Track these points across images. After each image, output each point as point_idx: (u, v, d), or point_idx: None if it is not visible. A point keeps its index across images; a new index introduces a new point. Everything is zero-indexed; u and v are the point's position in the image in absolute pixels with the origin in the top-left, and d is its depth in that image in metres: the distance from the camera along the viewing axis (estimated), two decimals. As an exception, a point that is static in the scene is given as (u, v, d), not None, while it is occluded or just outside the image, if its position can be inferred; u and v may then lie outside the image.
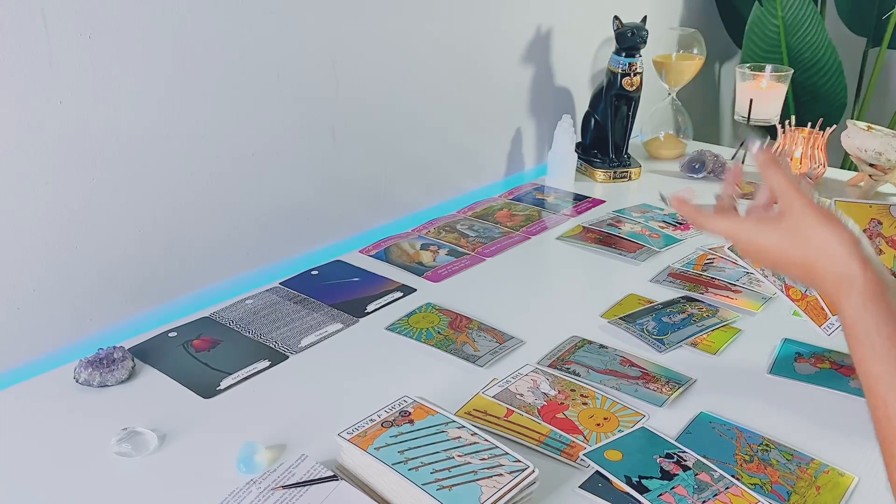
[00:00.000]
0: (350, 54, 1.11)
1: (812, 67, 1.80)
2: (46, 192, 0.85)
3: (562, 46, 1.48)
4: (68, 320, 0.90)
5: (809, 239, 0.64)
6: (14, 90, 0.79)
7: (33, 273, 0.86)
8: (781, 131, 1.40)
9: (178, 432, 0.77)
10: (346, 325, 0.97)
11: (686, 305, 1.00)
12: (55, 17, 0.80)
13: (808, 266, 0.64)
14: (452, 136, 1.33)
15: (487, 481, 0.63)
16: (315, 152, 1.11)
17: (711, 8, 1.97)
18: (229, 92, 0.98)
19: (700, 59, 1.53)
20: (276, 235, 1.09)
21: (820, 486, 0.70)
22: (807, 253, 0.64)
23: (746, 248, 0.70)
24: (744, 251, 0.71)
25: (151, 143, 0.92)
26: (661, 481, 0.69)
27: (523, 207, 1.34)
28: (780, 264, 0.67)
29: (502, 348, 0.92)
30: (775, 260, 0.68)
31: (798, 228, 0.65)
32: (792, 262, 0.66)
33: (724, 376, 0.87)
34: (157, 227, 0.95)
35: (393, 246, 1.18)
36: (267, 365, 0.89)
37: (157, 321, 0.97)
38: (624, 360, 0.89)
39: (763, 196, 0.71)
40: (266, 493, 0.67)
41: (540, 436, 0.77)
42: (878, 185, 1.35)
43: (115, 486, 0.71)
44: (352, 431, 0.69)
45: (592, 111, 1.48)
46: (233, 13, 0.96)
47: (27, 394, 0.83)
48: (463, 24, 1.27)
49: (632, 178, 1.47)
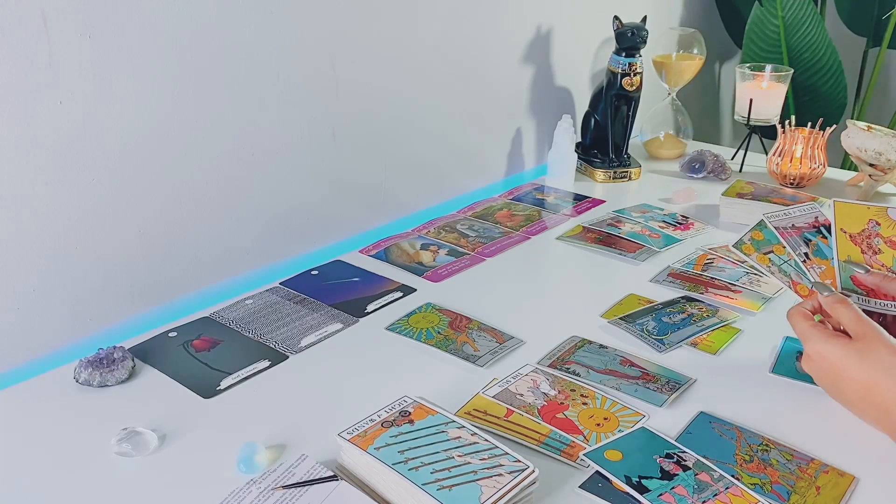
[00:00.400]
0: (350, 55, 1.11)
1: (812, 67, 1.81)
2: (46, 192, 0.85)
3: (562, 46, 1.48)
4: (68, 320, 0.90)
5: (879, 362, 0.71)
6: (14, 90, 0.79)
7: (33, 273, 0.86)
8: (781, 131, 1.41)
9: (178, 432, 0.77)
10: (346, 325, 0.97)
11: (686, 305, 1.00)
12: (55, 17, 0.80)
13: (870, 386, 0.71)
14: (452, 136, 1.33)
15: (487, 481, 0.63)
16: (315, 152, 1.11)
17: (711, 8, 1.97)
18: (230, 92, 0.98)
19: (700, 59, 1.53)
20: (276, 235, 1.09)
21: (820, 486, 0.70)
22: (873, 374, 0.71)
23: (811, 354, 0.77)
24: (807, 355, 0.77)
25: (152, 143, 0.92)
26: (660, 481, 0.69)
27: (523, 207, 1.34)
28: (840, 378, 0.74)
29: (502, 348, 0.92)
30: (837, 373, 0.74)
31: (868, 351, 0.72)
32: (853, 379, 0.72)
33: (724, 376, 0.87)
34: (157, 226, 0.95)
35: (393, 246, 1.18)
36: (267, 365, 0.89)
37: (157, 321, 0.97)
38: (624, 360, 0.89)
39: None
40: (266, 493, 0.67)
41: (540, 436, 0.77)
42: (878, 185, 1.35)
43: (115, 486, 0.71)
44: (352, 431, 0.69)
45: (592, 111, 1.48)
46: (233, 13, 0.96)
47: (27, 394, 0.83)
48: (463, 24, 1.27)
49: (632, 178, 1.47)
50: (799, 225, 0.89)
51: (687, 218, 1.29)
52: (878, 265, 0.84)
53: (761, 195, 1.27)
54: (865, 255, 0.85)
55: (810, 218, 0.89)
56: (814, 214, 0.90)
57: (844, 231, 0.86)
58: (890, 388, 0.70)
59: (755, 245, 0.88)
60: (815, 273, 0.86)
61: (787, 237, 0.87)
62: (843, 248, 0.86)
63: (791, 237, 0.87)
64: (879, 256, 0.85)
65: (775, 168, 1.41)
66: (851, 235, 0.86)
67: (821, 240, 0.87)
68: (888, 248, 0.85)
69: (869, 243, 0.85)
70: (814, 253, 0.86)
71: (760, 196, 1.27)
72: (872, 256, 0.85)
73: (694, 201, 1.36)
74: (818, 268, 0.86)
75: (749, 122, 1.48)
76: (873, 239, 0.85)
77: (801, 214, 0.90)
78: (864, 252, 0.85)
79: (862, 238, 0.85)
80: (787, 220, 0.89)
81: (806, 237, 0.88)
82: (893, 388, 0.70)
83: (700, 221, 1.27)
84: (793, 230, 0.88)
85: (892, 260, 0.84)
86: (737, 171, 1.51)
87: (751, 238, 0.89)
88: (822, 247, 0.87)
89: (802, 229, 0.88)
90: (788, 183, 1.40)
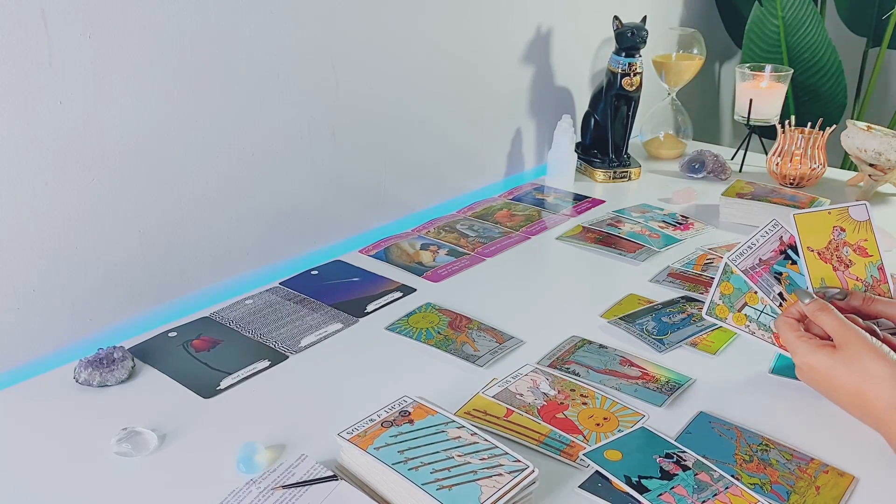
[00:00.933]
0: (350, 55, 1.11)
1: (812, 67, 1.81)
2: (46, 192, 0.85)
3: (562, 46, 1.48)
4: (68, 320, 0.90)
5: (865, 370, 0.72)
6: (14, 90, 0.79)
7: (33, 273, 0.86)
8: (781, 131, 1.41)
9: (178, 432, 0.77)
10: (346, 325, 0.97)
11: (686, 305, 1.00)
12: (55, 17, 0.80)
13: (860, 393, 0.72)
14: (452, 136, 1.33)
15: (487, 481, 0.63)
16: (315, 152, 1.11)
17: (711, 8, 1.97)
18: (230, 92, 0.98)
19: (700, 59, 1.53)
20: (276, 235, 1.09)
21: (820, 486, 0.70)
22: (861, 381, 0.72)
23: (800, 365, 0.78)
24: (798, 366, 0.79)
25: (152, 143, 0.92)
26: (660, 481, 0.69)
27: (523, 207, 1.34)
28: (831, 387, 0.75)
29: (502, 348, 0.92)
30: (827, 382, 0.75)
31: (854, 359, 0.73)
32: (844, 388, 0.74)
33: (724, 376, 0.87)
34: (157, 226, 0.95)
35: (393, 246, 1.18)
36: (267, 365, 0.89)
37: (157, 321, 0.97)
38: (624, 360, 0.89)
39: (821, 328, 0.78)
40: (266, 493, 0.67)
41: (540, 436, 0.77)
42: (878, 185, 1.35)
43: (115, 485, 0.71)
44: (352, 431, 0.69)
45: (592, 111, 1.48)
46: (233, 14, 0.96)
47: (27, 394, 0.84)
48: (463, 24, 1.27)
49: (632, 178, 1.47)
50: (766, 258, 0.85)
51: (687, 218, 1.29)
52: (853, 281, 0.83)
53: (761, 195, 1.27)
54: (838, 271, 0.83)
55: (775, 242, 0.86)
56: (778, 235, 0.86)
57: (812, 249, 0.84)
58: (879, 397, 0.71)
59: (727, 302, 0.85)
60: None
61: (757, 280, 0.84)
62: (814, 270, 0.84)
63: (761, 277, 0.84)
64: (852, 269, 0.83)
65: (775, 168, 1.41)
66: (819, 252, 0.84)
67: (790, 267, 0.85)
68: (858, 256, 0.84)
69: (839, 256, 0.84)
70: (787, 289, 0.84)
71: (760, 196, 1.27)
72: (845, 271, 0.83)
73: (694, 201, 1.36)
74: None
75: (749, 122, 1.48)
76: (842, 250, 0.84)
77: (764, 241, 0.86)
78: (835, 269, 0.83)
79: (830, 252, 0.84)
80: (752, 256, 0.85)
81: (776, 271, 0.85)
82: (882, 396, 0.71)
83: (700, 221, 1.27)
84: (761, 267, 0.85)
85: (865, 269, 0.83)
86: (737, 171, 1.51)
87: (720, 296, 0.86)
88: (795, 277, 0.84)
89: (770, 262, 0.85)
90: (788, 183, 1.40)
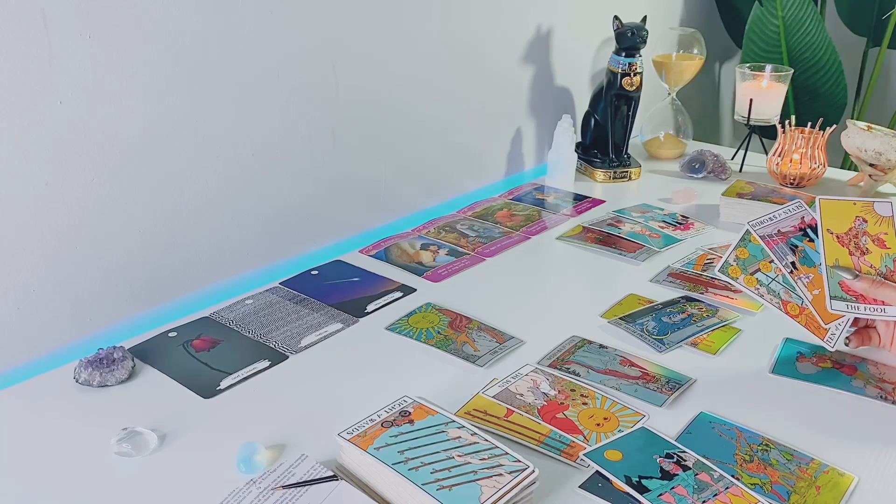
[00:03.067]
0: (350, 54, 1.11)
1: (812, 67, 1.80)
2: (46, 192, 0.85)
3: (562, 46, 1.48)
4: (68, 320, 0.90)
5: None
6: (14, 90, 0.79)
7: (33, 273, 0.86)
8: (781, 131, 1.41)
9: (178, 432, 0.77)
10: (346, 325, 0.97)
11: (686, 305, 1.00)
12: (55, 17, 0.80)
13: None
14: (452, 136, 1.33)
15: (487, 481, 0.63)
16: (315, 152, 1.11)
17: (711, 8, 1.97)
18: (230, 92, 0.98)
19: (700, 59, 1.53)
20: (276, 235, 1.09)
21: (820, 486, 0.70)
22: None
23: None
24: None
25: (152, 143, 0.92)
26: (660, 481, 0.69)
27: (523, 207, 1.34)
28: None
29: (502, 348, 0.92)
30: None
31: None
32: None
33: (724, 376, 0.87)
34: (157, 226, 0.95)
35: (393, 246, 1.18)
36: (267, 365, 0.89)
37: (157, 321, 0.97)
38: (624, 360, 0.89)
39: None
40: (266, 493, 0.67)
41: (540, 436, 0.77)
42: (878, 185, 1.35)
43: (115, 486, 0.71)
44: (352, 431, 0.69)
45: (592, 111, 1.48)
46: (233, 13, 0.96)
47: (27, 394, 0.83)
48: (463, 24, 1.27)
49: (632, 178, 1.47)
50: (785, 230, 0.87)
51: (687, 218, 1.29)
52: (866, 266, 0.84)
53: (761, 195, 1.27)
54: (853, 256, 0.84)
55: (796, 220, 0.88)
56: (800, 215, 0.88)
57: (831, 232, 0.85)
58: None
59: (741, 265, 0.87)
60: (804, 284, 0.85)
61: (773, 246, 0.86)
62: (830, 250, 0.85)
63: (777, 245, 0.86)
64: (868, 257, 0.84)
65: (775, 168, 1.41)
66: (838, 236, 0.85)
67: (807, 244, 0.86)
68: (876, 246, 0.84)
69: (857, 243, 0.84)
70: (801, 261, 0.85)
71: (760, 196, 1.27)
72: (861, 258, 0.84)
73: (694, 201, 1.36)
74: (806, 277, 0.85)
75: (749, 122, 1.48)
76: (860, 238, 0.84)
77: (786, 217, 0.88)
78: (851, 254, 0.84)
79: (849, 238, 0.84)
80: (772, 226, 0.87)
81: (792, 243, 0.86)
82: None
83: (700, 221, 1.27)
84: (779, 237, 0.87)
85: (881, 260, 0.84)
86: (737, 171, 1.51)
87: (735, 258, 0.87)
88: (810, 252, 0.85)
89: (788, 234, 0.87)
90: (788, 183, 1.40)
